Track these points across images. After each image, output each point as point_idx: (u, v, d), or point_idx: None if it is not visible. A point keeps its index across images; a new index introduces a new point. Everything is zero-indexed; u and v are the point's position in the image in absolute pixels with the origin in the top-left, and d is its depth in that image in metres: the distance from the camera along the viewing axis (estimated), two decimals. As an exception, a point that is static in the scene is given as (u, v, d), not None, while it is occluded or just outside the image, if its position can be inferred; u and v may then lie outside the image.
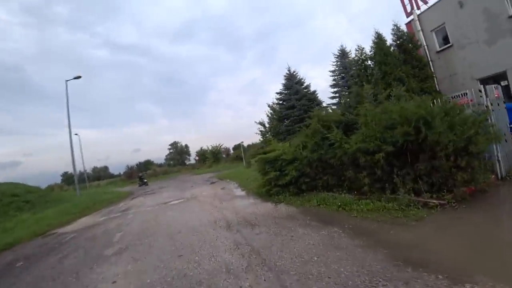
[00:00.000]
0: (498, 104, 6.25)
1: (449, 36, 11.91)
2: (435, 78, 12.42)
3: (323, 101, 25.19)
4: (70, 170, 63.61)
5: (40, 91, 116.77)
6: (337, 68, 27.18)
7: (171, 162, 76.41)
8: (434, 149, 4.90)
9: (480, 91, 6.09)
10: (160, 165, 69.50)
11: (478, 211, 4.35)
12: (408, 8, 13.64)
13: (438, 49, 12.57)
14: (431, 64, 12.74)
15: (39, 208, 14.03)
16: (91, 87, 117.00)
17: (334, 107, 25.87)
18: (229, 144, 60.34)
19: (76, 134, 39.74)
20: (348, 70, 25.11)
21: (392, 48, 12.51)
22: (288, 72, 25.22)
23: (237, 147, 62.03)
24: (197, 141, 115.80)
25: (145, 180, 28.47)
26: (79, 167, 42.57)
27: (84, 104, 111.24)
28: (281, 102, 25.15)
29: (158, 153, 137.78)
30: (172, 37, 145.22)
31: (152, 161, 76.10)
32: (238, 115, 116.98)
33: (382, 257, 3.28)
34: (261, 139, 27.56)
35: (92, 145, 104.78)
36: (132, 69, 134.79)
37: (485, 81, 10.06)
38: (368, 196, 5.82)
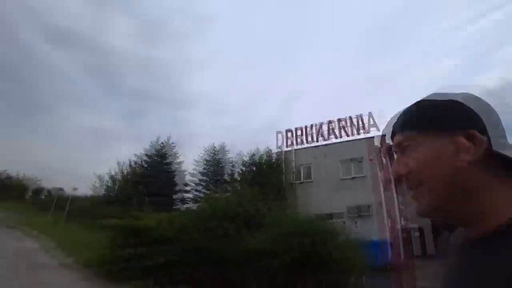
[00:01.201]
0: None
1: (312, 174, 15.53)
2: (295, 202, 15.07)
3: (178, 184, 24.94)
4: None
5: None
6: (202, 161, 28.39)
7: None
8: (326, 264, 5.32)
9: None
10: None
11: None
12: (289, 141, 17.60)
13: (302, 180, 15.91)
14: (293, 189, 15.72)
15: None
16: None
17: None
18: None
19: None
20: (214, 167, 26.93)
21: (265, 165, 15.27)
22: (158, 141, 24.44)
23: (38, 191, 43.21)
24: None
25: None
26: None
27: None
28: (138, 167, 23.04)
29: None
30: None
31: None
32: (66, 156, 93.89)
33: None
34: (92, 194, 23.01)
35: None
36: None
37: (328, 216, 13.00)
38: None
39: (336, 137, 15.98)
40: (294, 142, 17.41)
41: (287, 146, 17.64)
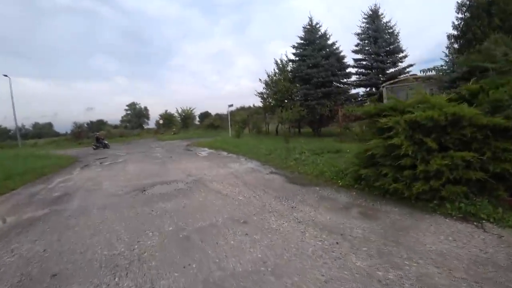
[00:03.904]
0: None
1: None
2: None
3: (343, 68, 19.97)
4: (4, 124, 52.17)
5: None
6: (362, 32, 21.74)
7: (128, 124, 66.48)
8: None
9: None
10: (115, 127, 59.50)
11: None
12: None
13: None
14: None
15: None
16: (41, 32, 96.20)
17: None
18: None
19: (5, 76, 26.94)
20: (381, 34, 20.31)
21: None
22: (309, 23, 19.45)
23: (205, 115, 55.53)
24: (156, 105, 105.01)
25: (105, 142, 20.40)
26: (10, 121, 32.39)
27: (32, 51, 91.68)
28: (298, 58, 19.43)
29: (114, 114, 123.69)
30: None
31: (106, 121, 65.57)
32: (202, 84, 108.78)
33: None
34: (262, 103, 22.29)
35: (38, 99, 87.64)
36: (91, 19, 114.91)
37: None
38: None
39: None
40: None
41: None
